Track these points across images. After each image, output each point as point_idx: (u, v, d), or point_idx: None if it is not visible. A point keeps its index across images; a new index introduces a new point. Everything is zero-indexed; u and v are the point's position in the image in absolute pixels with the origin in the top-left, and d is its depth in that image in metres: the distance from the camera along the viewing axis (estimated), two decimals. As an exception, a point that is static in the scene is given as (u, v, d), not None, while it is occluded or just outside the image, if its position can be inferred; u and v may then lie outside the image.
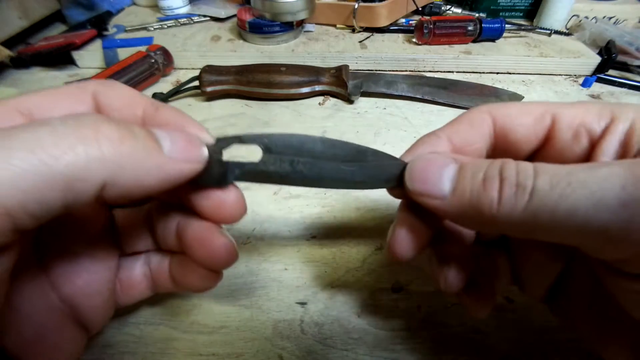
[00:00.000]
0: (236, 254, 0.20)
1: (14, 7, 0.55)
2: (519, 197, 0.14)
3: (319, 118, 0.46)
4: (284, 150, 0.18)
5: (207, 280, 0.21)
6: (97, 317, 0.21)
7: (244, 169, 0.18)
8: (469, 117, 0.19)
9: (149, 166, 0.14)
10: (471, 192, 0.15)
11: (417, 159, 0.18)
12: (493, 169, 0.15)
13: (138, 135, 0.14)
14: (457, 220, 0.18)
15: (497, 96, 0.48)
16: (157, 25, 0.59)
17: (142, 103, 0.18)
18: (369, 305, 0.27)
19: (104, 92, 0.18)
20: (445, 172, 0.16)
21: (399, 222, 0.19)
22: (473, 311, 0.21)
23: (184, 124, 0.18)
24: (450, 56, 0.53)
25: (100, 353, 0.24)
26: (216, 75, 0.46)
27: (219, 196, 0.18)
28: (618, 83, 0.52)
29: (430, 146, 0.19)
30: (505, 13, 0.67)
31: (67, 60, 0.53)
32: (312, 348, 0.24)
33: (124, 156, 0.14)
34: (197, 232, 0.19)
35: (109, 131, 0.13)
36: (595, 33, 0.58)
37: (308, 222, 0.33)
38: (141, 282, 0.22)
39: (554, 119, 0.18)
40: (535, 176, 0.14)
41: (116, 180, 0.14)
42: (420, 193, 0.17)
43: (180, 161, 0.16)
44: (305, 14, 0.55)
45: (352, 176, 0.18)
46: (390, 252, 0.19)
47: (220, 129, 0.43)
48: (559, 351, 0.24)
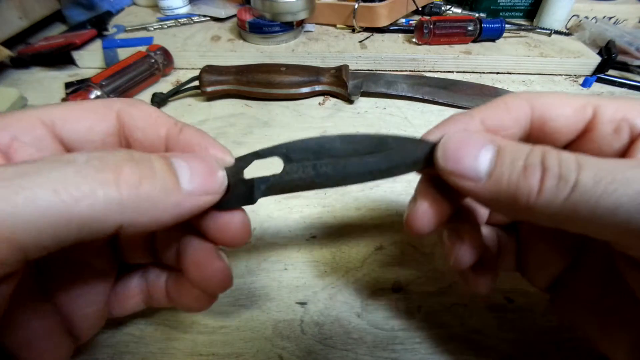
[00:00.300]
0: (231, 280, 0.20)
1: (14, 7, 0.55)
2: (561, 189, 0.14)
3: (319, 118, 0.46)
4: (304, 156, 0.18)
5: (201, 302, 0.21)
6: (87, 327, 0.20)
7: (269, 183, 0.18)
8: (505, 101, 0.18)
9: (166, 206, 0.15)
10: (509, 178, 0.15)
11: (452, 136, 0.17)
12: (534, 156, 0.15)
13: (157, 172, 0.15)
14: (487, 204, 0.17)
15: (497, 96, 0.47)
16: (157, 25, 0.59)
17: (167, 123, 0.18)
18: (369, 305, 0.27)
19: (129, 111, 0.18)
20: (482, 152, 0.16)
21: (420, 195, 0.19)
22: (473, 285, 0.21)
23: (207, 145, 0.18)
24: (450, 56, 0.53)
25: (101, 353, 0.24)
26: (216, 75, 0.46)
27: (225, 219, 0.18)
28: (618, 83, 0.52)
29: (462, 124, 0.18)
30: (505, 13, 0.67)
31: (67, 60, 0.53)
32: (312, 348, 0.24)
33: (142, 200, 0.14)
34: (195, 254, 0.19)
35: (130, 173, 0.14)
36: (595, 33, 0.58)
37: (308, 222, 0.33)
38: (136, 295, 0.22)
39: (595, 112, 0.17)
40: (579, 169, 0.14)
41: (132, 222, 0.14)
42: (453, 173, 0.16)
43: (198, 195, 0.16)
44: (305, 14, 0.55)
45: (378, 166, 0.18)
46: (409, 225, 0.18)
47: (220, 129, 0.43)
48: (559, 351, 0.24)
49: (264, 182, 0.18)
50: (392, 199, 0.35)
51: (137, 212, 0.14)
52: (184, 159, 0.16)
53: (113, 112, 0.18)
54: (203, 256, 0.19)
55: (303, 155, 0.18)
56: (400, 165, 0.18)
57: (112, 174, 0.13)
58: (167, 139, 0.18)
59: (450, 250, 0.19)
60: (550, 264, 0.21)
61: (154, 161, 0.15)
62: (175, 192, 0.15)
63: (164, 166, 0.15)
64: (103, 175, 0.13)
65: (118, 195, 0.13)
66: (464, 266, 0.19)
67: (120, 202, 0.13)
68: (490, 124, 0.18)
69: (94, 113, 0.18)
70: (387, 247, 0.31)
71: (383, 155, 0.18)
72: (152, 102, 0.46)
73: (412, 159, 0.18)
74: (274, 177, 0.18)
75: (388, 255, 0.30)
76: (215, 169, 0.17)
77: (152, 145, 0.18)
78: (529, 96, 0.18)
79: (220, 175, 0.17)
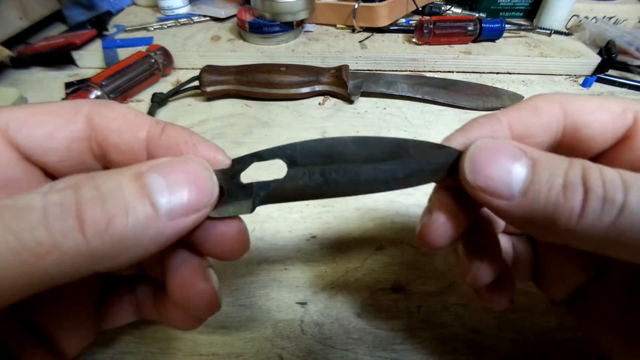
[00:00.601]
0: (218, 304, 0.17)
1: (14, 7, 0.55)
2: (607, 211, 0.12)
3: (319, 118, 0.46)
4: (312, 160, 0.16)
5: (189, 323, 0.19)
6: (72, 346, 0.19)
7: (269, 190, 0.16)
8: (536, 104, 0.16)
9: (144, 240, 0.13)
10: (547, 198, 0.13)
11: (481, 146, 0.15)
12: (574, 174, 0.13)
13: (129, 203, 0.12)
14: (518, 224, 0.15)
15: (497, 96, 0.48)
16: (157, 25, 0.59)
17: (146, 124, 0.16)
18: (369, 305, 0.27)
19: (101, 113, 0.16)
20: (515, 167, 0.14)
21: (437, 206, 0.17)
22: (488, 302, 0.20)
23: (195, 144, 0.16)
24: (450, 56, 0.53)
25: (101, 353, 0.24)
26: (216, 75, 0.46)
27: (219, 229, 0.16)
28: (618, 83, 0.52)
29: (488, 129, 0.16)
30: (505, 13, 0.67)
31: (67, 60, 0.53)
32: (312, 348, 0.24)
33: (114, 244, 0.12)
34: (179, 273, 0.17)
35: (96, 216, 0.12)
36: (595, 33, 0.58)
37: (308, 222, 0.33)
38: (126, 308, 0.21)
39: (636, 118, 0.16)
40: (626, 189, 0.12)
41: (108, 266, 0.13)
42: (482, 189, 0.14)
43: (182, 216, 0.14)
44: (305, 14, 0.55)
45: (394, 175, 0.16)
46: (422, 240, 0.17)
47: (220, 129, 0.43)
48: (559, 351, 0.24)
49: (264, 189, 0.16)
50: (392, 199, 0.35)
51: (111, 256, 0.12)
52: (161, 172, 0.14)
53: (80, 115, 0.16)
54: (187, 276, 0.17)
55: (310, 158, 0.16)
56: (419, 175, 0.16)
57: (76, 222, 0.12)
58: (149, 141, 0.16)
59: (467, 268, 0.18)
60: (570, 277, 0.20)
61: (124, 188, 0.13)
62: (153, 222, 0.13)
63: (137, 192, 0.13)
64: (65, 225, 0.12)
65: (85, 245, 0.12)
66: (481, 284, 0.18)
67: (89, 251, 0.12)
68: (518, 130, 0.16)
69: (56, 116, 0.15)
70: (387, 247, 0.31)
71: (400, 163, 0.16)
72: (152, 102, 0.46)
73: (433, 167, 0.16)
74: (275, 183, 0.16)
75: (388, 255, 0.30)
76: (202, 177, 0.14)
77: (131, 150, 0.16)
78: (561, 99, 0.16)
79: (208, 183, 0.14)
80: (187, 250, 0.17)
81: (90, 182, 0.13)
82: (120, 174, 0.13)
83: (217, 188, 0.15)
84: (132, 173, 0.13)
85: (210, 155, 0.16)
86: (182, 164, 0.14)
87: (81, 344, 0.19)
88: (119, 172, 0.14)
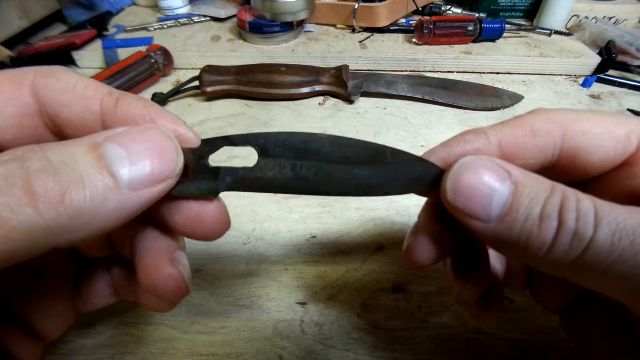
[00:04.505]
0: (185, 289, 0.17)
1: (14, 7, 0.55)
2: (574, 246, 0.12)
3: (319, 118, 0.46)
4: (284, 153, 0.15)
5: (160, 306, 0.18)
6: (52, 329, 0.19)
7: (236, 177, 0.15)
8: (532, 122, 0.15)
9: (106, 212, 0.12)
10: (522, 227, 0.13)
11: (465, 166, 0.14)
12: (553, 203, 0.13)
13: (84, 174, 0.12)
14: (492, 245, 0.15)
15: (497, 96, 0.48)
16: (157, 25, 0.59)
17: (97, 95, 0.15)
18: (369, 305, 0.27)
19: (46, 84, 0.14)
20: (497, 191, 0.14)
21: (421, 228, 0.17)
22: (475, 318, 0.20)
23: (153, 116, 0.15)
24: (450, 56, 0.53)
25: (100, 353, 0.24)
26: (216, 75, 0.46)
27: (196, 209, 0.16)
28: (618, 83, 0.52)
29: (473, 147, 0.16)
30: (505, 13, 0.67)
31: (67, 60, 0.53)
32: (312, 348, 0.24)
33: (71, 217, 0.11)
34: (145, 257, 0.16)
35: (44, 188, 0.11)
36: (595, 33, 0.58)
37: (308, 222, 0.33)
38: (103, 289, 0.20)
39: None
40: (596, 225, 0.12)
41: (68, 241, 0.12)
42: (461, 210, 0.14)
43: (145, 187, 0.13)
44: (305, 14, 0.55)
45: (368, 181, 0.16)
46: (408, 258, 0.17)
47: (220, 129, 0.43)
48: (559, 351, 0.24)
49: (231, 174, 0.15)
50: (392, 199, 0.35)
51: (70, 230, 0.11)
52: (119, 141, 0.13)
53: (25, 87, 0.14)
54: (153, 260, 0.16)
55: (283, 151, 0.15)
56: (394, 185, 0.16)
57: (25, 195, 0.11)
58: (103, 115, 0.15)
59: (453, 285, 0.18)
60: (561, 289, 0.20)
61: (79, 159, 0.12)
62: (113, 193, 0.12)
63: (93, 162, 0.12)
64: (11, 199, 0.10)
65: (39, 220, 0.11)
66: (465, 303, 0.18)
67: (44, 226, 0.11)
68: (509, 151, 0.15)
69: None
70: (387, 247, 0.31)
71: (376, 169, 0.16)
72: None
73: (409, 179, 0.16)
74: (243, 171, 0.15)
75: (388, 255, 0.30)
76: (164, 146, 0.13)
77: (85, 125, 0.15)
78: (563, 118, 0.15)
79: (171, 152, 0.14)
80: (158, 229, 0.17)
81: (39, 153, 0.12)
82: (74, 144, 0.12)
83: (181, 158, 0.14)
84: (88, 143, 0.12)
85: (170, 127, 0.15)
86: (142, 132, 0.13)
87: (61, 325, 0.19)
88: (72, 142, 0.13)
